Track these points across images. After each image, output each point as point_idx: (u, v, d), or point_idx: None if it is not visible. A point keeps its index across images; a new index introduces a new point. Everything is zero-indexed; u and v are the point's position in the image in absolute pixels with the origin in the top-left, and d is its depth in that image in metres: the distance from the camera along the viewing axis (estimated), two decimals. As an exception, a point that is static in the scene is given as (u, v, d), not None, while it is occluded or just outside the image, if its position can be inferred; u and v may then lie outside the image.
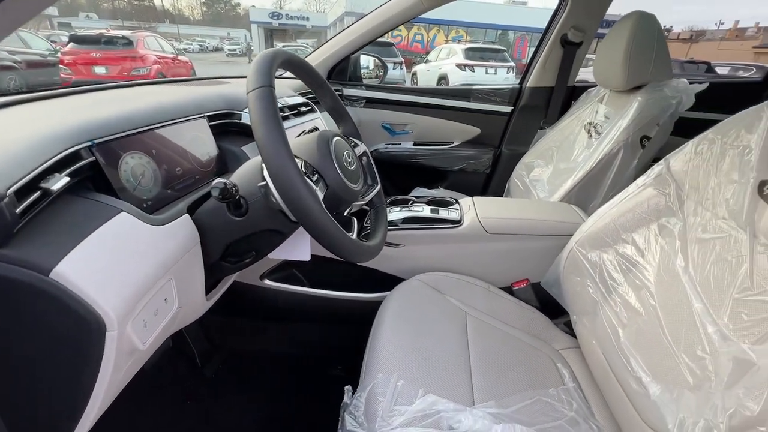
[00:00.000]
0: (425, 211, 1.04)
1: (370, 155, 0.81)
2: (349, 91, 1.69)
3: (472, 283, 0.98)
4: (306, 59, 1.73)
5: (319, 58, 1.61)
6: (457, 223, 1.00)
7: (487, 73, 8.91)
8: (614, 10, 1.54)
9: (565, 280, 0.91)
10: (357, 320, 0.94)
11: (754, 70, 8.99)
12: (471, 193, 1.73)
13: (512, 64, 9.50)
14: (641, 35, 1.10)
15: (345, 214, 0.69)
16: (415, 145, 1.79)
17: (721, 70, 9.59)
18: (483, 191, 1.81)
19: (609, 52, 1.18)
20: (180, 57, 8.95)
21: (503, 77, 8.96)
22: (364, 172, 0.79)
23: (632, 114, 1.09)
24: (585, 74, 1.74)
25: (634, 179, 1.19)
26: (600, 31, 1.51)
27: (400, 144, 1.80)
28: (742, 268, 0.59)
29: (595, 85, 1.42)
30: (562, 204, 1.11)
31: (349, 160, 0.64)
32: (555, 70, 1.56)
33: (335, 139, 0.63)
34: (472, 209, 1.04)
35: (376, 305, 0.90)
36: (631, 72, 1.12)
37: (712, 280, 0.62)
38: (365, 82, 1.83)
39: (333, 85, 1.65)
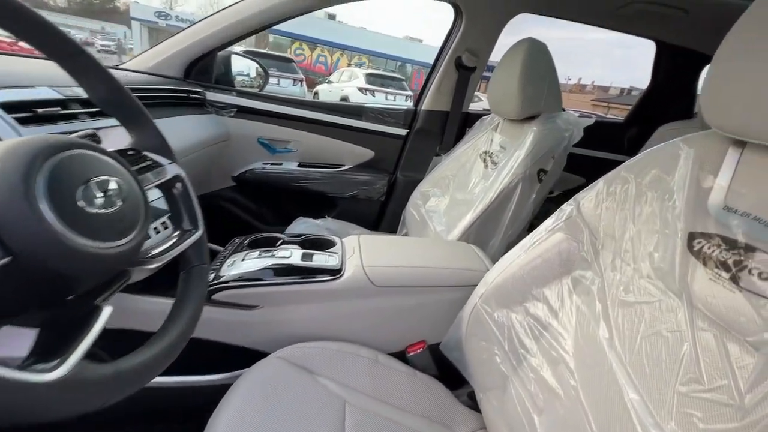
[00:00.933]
0: (294, 257, 0.77)
1: (188, 183, 0.51)
2: (214, 96, 1.35)
3: (354, 354, 0.73)
4: (155, 48, 1.35)
5: (171, 48, 1.24)
6: (336, 273, 0.75)
7: (387, 99, 9.18)
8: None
9: (467, 344, 0.73)
10: (192, 416, 0.61)
11: (593, 117, 11.76)
12: (363, 223, 1.52)
13: (410, 93, 10.01)
14: (534, 63, 1.03)
15: (102, 299, 0.37)
16: (300, 166, 1.52)
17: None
18: (377, 221, 1.61)
19: (503, 79, 1.10)
20: (23, 43, 7.22)
21: (402, 104, 9.34)
22: (178, 212, 0.49)
23: (528, 145, 1.01)
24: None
25: (533, 214, 1.14)
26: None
27: (281, 164, 1.51)
28: (683, 349, 0.45)
29: (490, 113, 1.36)
30: (462, 245, 0.95)
31: (102, 195, 0.33)
32: (450, 94, 1.47)
33: (67, 155, 0.32)
34: (356, 254, 0.81)
35: (219, 392, 0.59)
36: (525, 101, 1.04)
37: (646, 360, 0.48)
38: (241, 89, 1.50)
39: (192, 86, 1.29)
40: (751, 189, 0.47)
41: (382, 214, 1.60)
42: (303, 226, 1.34)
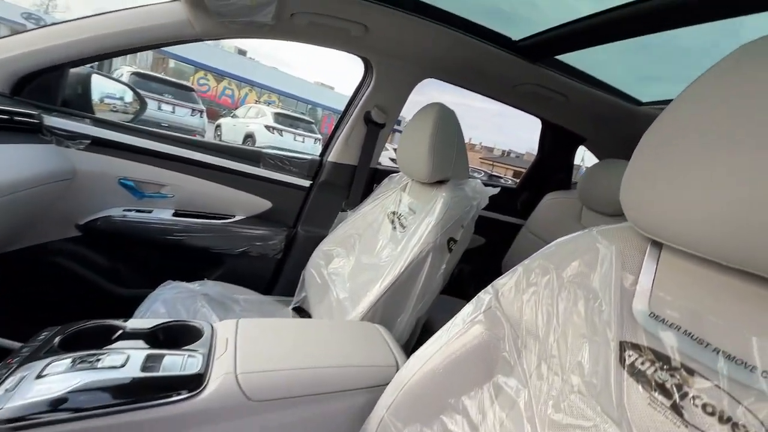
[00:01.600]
0: (132, 364, 0.53)
1: None
2: (56, 121, 1.04)
3: None
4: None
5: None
6: (195, 387, 0.54)
7: (295, 139, 9.03)
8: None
9: (373, 472, 0.57)
10: None
11: (483, 173, 13.46)
12: (254, 285, 1.29)
13: (320, 136, 10.05)
14: (444, 129, 1.01)
15: None
16: (175, 215, 1.25)
17: None
18: (271, 283, 1.39)
19: (413, 141, 1.06)
20: None
21: (311, 147, 9.27)
22: None
23: (438, 213, 0.96)
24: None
25: (443, 286, 1.08)
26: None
27: (151, 211, 1.22)
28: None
29: (398, 171, 1.31)
30: (367, 328, 0.81)
31: None
32: (358, 147, 1.39)
33: None
34: (229, 350, 0.60)
35: None
36: (435, 166, 1.01)
37: None
38: (102, 115, 1.20)
39: (23, 106, 0.97)
40: (675, 296, 0.43)
41: (278, 275, 1.39)
42: (172, 292, 1.06)
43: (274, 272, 1.39)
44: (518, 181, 1.96)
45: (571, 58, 1.22)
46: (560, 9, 1.02)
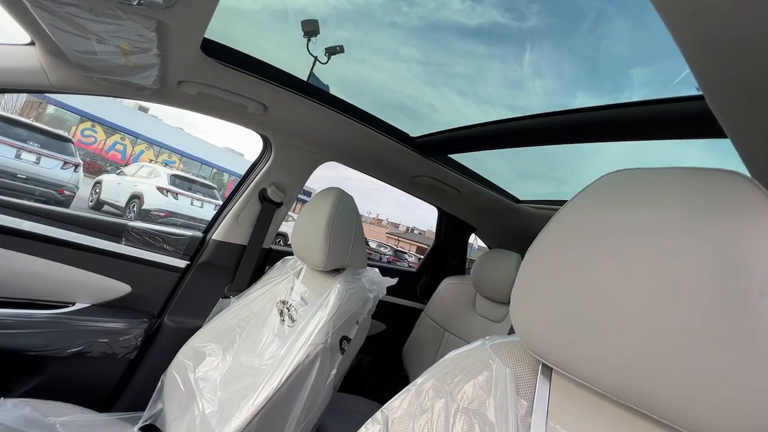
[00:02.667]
0: None
1: None
2: None
3: None
4: None
5: None
6: None
7: (192, 204, 8.30)
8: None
9: None
10: None
11: (389, 247, 13.99)
12: (91, 399, 0.98)
13: (221, 202, 9.45)
14: (342, 215, 0.97)
15: None
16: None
17: (372, 243, 13.69)
18: (115, 394, 1.08)
19: (309, 226, 0.99)
20: None
21: (210, 213, 8.59)
22: None
23: (331, 307, 0.86)
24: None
25: (331, 394, 0.94)
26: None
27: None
28: None
29: (292, 253, 1.20)
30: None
31: None
32: (250, 226, 1.26)
33: None
34: None
35: None
36: (331, 254, 0.93)
37: None
38: None
39: None
40: (571, 428, 0.40)
41: (127, 382, 1.09)
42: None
43: (122, 378, 1.08)
44: (421, 257, 2.00)
45: (462, 157, 1.35)
46: (454, 114, 1.14)
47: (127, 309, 1.12)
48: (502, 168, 1.52)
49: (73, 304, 1.05)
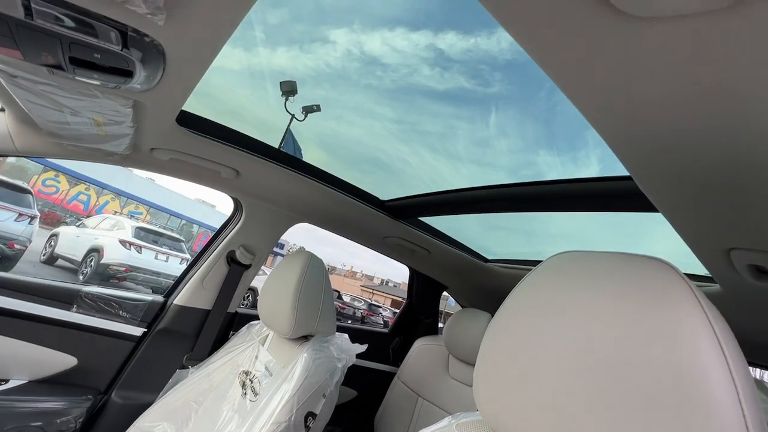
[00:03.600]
0: None
1: None
2: None
3: None
4: None
5: None
6: None
7: (156, 258, 7.92)
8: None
9: None
10: None
11: (363, 301, 13.69)
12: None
13: (188, 256, 9.06)
14: (311, 280, 0.96)
15: None
16: None
17: (345, 297, 13.33)
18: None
19: (276, 291, 0.97)
20: None
21: (176, 267, 8.20)
22: None
23: (297, 380, 0.82)
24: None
25: None
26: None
27: None
28: None
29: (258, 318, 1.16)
30: None
31: None
32: (215, 290, 1.22)
33: None
34: None
35: None
36: (299, 321, 0.91)
37: None
38: None
39: None
40: None
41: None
42: None
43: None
44: (396, 311, 1.96)
45: (432, 219, 1.39)
46: (426, 168, 1.19)
47: (69, 385, 1.02)
48: (471, 222, 1.57)
49: (7, 381, 0.95)
